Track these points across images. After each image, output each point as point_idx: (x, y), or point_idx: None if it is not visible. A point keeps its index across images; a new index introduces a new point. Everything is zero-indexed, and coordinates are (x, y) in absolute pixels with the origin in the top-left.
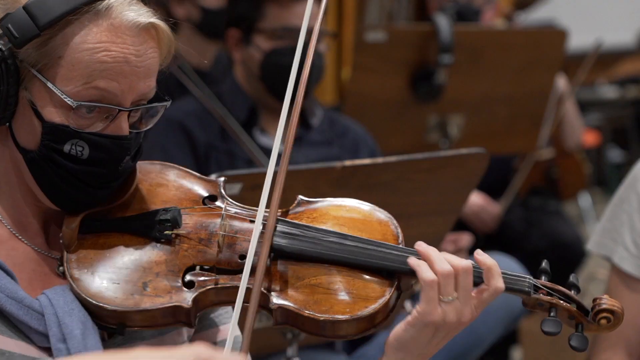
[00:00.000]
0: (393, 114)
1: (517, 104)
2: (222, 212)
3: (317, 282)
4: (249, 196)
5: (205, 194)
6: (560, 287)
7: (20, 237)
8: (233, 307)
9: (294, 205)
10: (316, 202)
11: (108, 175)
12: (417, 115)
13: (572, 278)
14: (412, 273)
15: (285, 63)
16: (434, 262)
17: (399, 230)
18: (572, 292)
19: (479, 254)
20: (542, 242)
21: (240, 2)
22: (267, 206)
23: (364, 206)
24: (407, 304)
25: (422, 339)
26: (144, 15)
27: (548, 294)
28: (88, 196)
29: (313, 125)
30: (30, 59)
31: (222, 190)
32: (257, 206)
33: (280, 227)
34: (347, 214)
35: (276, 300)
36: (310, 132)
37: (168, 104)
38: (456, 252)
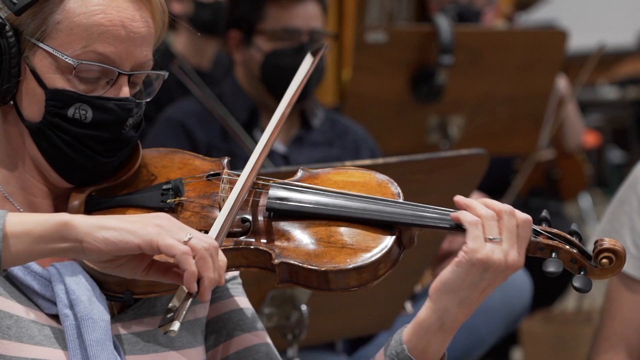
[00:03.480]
0: (393, 115)
1: (517, 104)
2: (222, 176)
3: (317, 238)
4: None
5: (209, 171)
6: (561, 232)
7: None
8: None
9: (296, 175)
10: (317, 171)
11: (112, 140)
12: (418, 116)
13: (573, 226)
14: (408, 224)
15: (286, 64)
16: (475, 208)
17: (399, 190)
18: (574, 238)
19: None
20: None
21: (240, 3)
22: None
23: (363, 172)
24: (408, 305)
25: (469, 280)
26: None
27: (549, 238)
28: (94, 164)
29: (314, 125)
30: (29, 28)
31: (225, 167)
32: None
33: (276, 189)
34: (347, 178)
35: (278, 257)
36: (312, 132)
37: (165, 74)
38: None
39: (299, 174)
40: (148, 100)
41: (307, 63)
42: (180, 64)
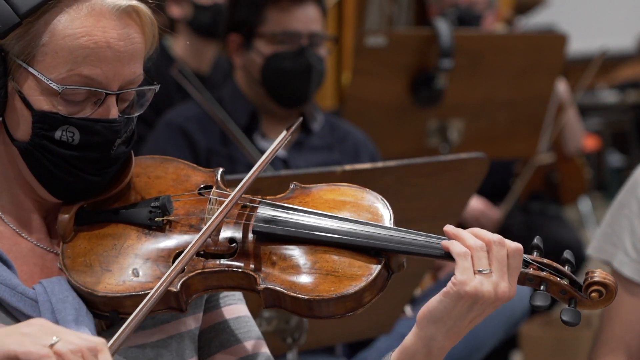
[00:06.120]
0: (393, 119)
1: (517, 108)
2: (210, 196)
3: (302, 263)
4: None
5: (202, 184)
6: (552, 262)
7: (22, 234)
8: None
9: (288, 191)
10: (310, 187)
11: (101, 160)
12: (417, 120)
13: (566, 254)
14: (395, 252)
15: (286, 67)
16: (464, 238)
17: (390, 211)
18: (566, 267)
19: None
20: (542, 247)
21: (240, 7)
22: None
23: (356, 190)
24: (407, 309)
25: (457, 312)
26: None
27: (538, 269)
28: (84, 183)
29: (314, 130)
30: (15, 49)
31: (219, 180)
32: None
33: (264, 210)
34: (338, 197)
35: (263, 282)
36: (311, 137)
37: (156, 87)
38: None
39: (291, 188)
40: (139, 113)
41: (281, 136)
42: (179, 67)
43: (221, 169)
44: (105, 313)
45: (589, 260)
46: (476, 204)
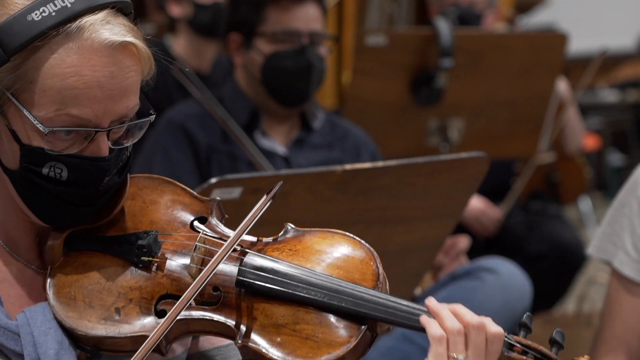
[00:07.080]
0: (393, 118)
1: (517, 108)
2: (196, 243)
3: (283, 323)
4: (249, 200)
5: (195, 217)
6: (537, 346)
7: (12, 253)
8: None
9: (281, 233)
10: (303, 232)
11: (89, 195)
12: (418, 119)
13: (555, 334)
14: (378, 320)
15: (287, 66)
16: (444, 319)
17: (380, 269)
18: (553, 349)
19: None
20: (543, 247)
21: (241, 6)
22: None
23: (349, 242)
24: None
25: None
26: (118, 34)
27: (523, 352)
28: (73, 214)
29: (314, 128)
30: (5, 82)
31: (214, 212)
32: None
33: (251, 259)
34: (330, 247)
35: (241, 338)
36: (312, 134)
37: (152, 118)
38: (455, 255)
39: (285, 229)
40: (135, 141)
41: (262, 201)
42: (180, 66)
43: (218, 198)
44: (87, 347)
45: (589, 259)
46: (476, 203)
